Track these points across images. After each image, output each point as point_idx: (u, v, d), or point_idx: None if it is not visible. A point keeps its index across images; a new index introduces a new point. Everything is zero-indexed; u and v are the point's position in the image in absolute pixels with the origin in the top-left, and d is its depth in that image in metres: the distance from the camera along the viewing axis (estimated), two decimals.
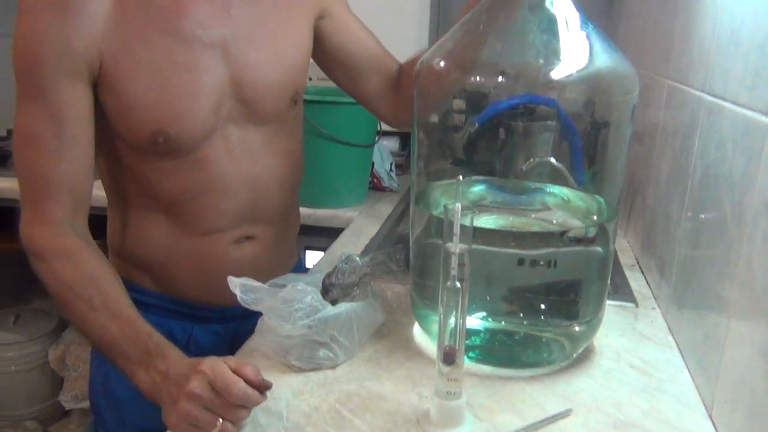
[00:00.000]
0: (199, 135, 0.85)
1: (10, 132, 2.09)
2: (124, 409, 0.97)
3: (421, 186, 0.83)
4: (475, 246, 0.61)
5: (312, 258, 1.43)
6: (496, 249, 0.73)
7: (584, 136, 0.77)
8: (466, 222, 0.61)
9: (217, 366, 0.66)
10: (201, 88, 0.83)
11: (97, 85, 0.81)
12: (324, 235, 1.40)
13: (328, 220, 1.46)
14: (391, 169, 1.66)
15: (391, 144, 1.82)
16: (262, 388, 0.65)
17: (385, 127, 1.59)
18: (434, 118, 0.79)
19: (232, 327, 1.01)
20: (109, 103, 0.82)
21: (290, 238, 1.08)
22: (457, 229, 0.60)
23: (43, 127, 0.79)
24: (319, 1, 0.96)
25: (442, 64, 0.74)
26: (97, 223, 0.91)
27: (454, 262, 0.61)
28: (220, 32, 0.84)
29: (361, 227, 1.35)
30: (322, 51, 1.00)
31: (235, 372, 0.65)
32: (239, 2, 0.87)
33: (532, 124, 0.78)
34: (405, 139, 1.90)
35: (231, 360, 0.68)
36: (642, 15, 1.34)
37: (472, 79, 0.72)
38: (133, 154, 0.87)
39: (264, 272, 0.84)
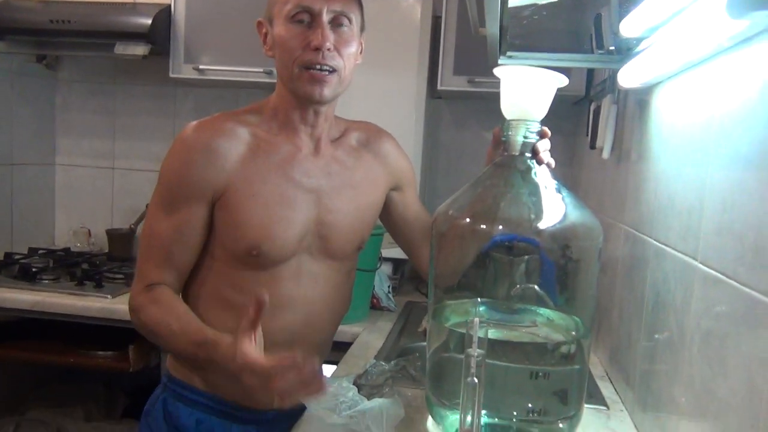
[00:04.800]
0: (283, 256, 1.08)
1: (31, 249, 2.27)
2: None
3: (437, 305, 1.04)
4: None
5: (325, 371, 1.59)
6: (501, 363, 0.94)
7: (561, 270, 1.00)
8: (482, 333, 0.82)
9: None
10: (294, 220, 1.08)
11: (216, 204, 1.06)
12: (333, 349, 1.57)
13: (336, 336, 1.64)
14: (389, 291, 1.88)
15: (386, 268, 2.05)
16: None
17: (384, 253, 1.82)
18: (447, 255, 1.02)
19: (265, 429, 1.17)
20: (223, 218, 1.06)
21: (322, 361, 1.27)
22: (475, 338, 0.81)
23: (166, 232, 1.06)
24: (397, 178, 1.23)
25: (454, 215, 0.98)
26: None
27: (473, 363, 0.81)
28: (319, 183, 1.10)
29: (366, 341, 1.54)
30: (387, 215, 1.26)
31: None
32: (338, 166, 1.13)
33: (519, 258, 1.02)
34: (397, 265, 2.14)
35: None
36: (600, 170, 1.64)
37: (479, 227, 0.96)
38: (226, 261, 1.08)
39: None
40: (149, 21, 1.99)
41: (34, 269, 1.99)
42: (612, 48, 1.19)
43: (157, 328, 1.03)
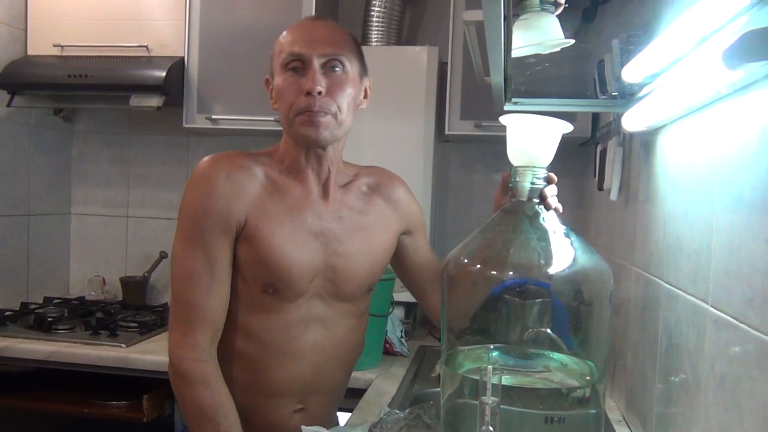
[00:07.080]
0: (295, 296, 1.09)
1: (47, 299, 2.29)
2: None
3: (450, 351, 1.05)
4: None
5: (340, 418, 1.58)
6: (515, 408, 0.93)
7: (574, 314, 1.00)
8: (495, 380, 0.82)
9: None
10: (305, 262, 1.09)
11: (238, 239, 1.07)
12: (347, 396, 1.57)
13: (350, 382, 1.63)
14: (402, 336, 1.87)
15: (398, 313, 2.05)
16: None
17: (396, 297, 1.83)
18: (459, 301, 1.02)
19: None
20: (244, 253, 1.07)
21: (335, 408, 1.26)
22: (489, 385, 0.81)
23: (201, 267, 1.04)
24: (408, 222, 1.24)
25: (465, 261, 0.99)
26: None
27: (487, 411, 0.81)
28: (328, 227, 1.12)
29: (380, 387, 1.53)
30: (397, 260, 1.27)
31: None
32: (347, 210, 1.14)
33: (531, 301, 1.02)
34: (409, 309, 2.14)
35: None
36: (609, 211, 1.65)
37: (490, 273, 0.97)
38: (245, 299, 1.08)
39: None
40: (163, 73, 2.05)
41: (49, 319, 2.01)
42: (615, 93, 1.21)
43: (204, 417, 1.01)
